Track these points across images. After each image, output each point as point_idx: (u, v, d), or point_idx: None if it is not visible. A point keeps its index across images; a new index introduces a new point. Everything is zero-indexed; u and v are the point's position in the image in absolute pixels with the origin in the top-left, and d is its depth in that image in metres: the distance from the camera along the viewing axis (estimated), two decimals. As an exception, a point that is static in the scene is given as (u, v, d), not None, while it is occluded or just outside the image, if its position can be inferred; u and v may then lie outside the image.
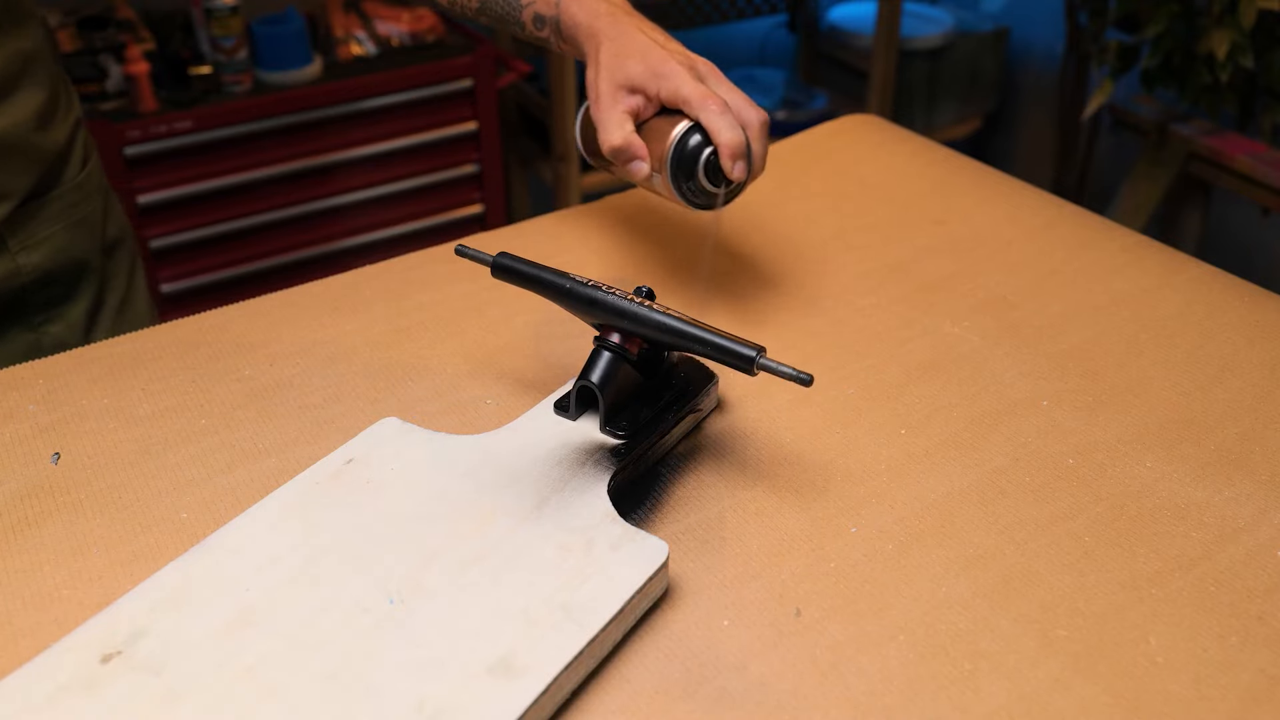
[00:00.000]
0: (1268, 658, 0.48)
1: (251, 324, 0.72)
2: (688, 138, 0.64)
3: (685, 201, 0.66)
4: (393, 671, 0.44)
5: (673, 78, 0.64)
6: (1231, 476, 0.59)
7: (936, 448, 0.61)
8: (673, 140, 0.64)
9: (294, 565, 0.50)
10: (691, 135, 0.64)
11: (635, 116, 0.66)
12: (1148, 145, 1.80)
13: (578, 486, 0.54)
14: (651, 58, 0.65)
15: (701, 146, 0.64)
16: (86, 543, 0.54)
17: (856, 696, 0.46)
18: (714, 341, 0.53)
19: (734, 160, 0.63)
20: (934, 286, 0.76)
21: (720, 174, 0.64)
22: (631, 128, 0.66)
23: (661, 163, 0.65)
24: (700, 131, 0.64)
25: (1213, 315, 0.73)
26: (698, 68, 0.66)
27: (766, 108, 2.11)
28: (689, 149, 0.64)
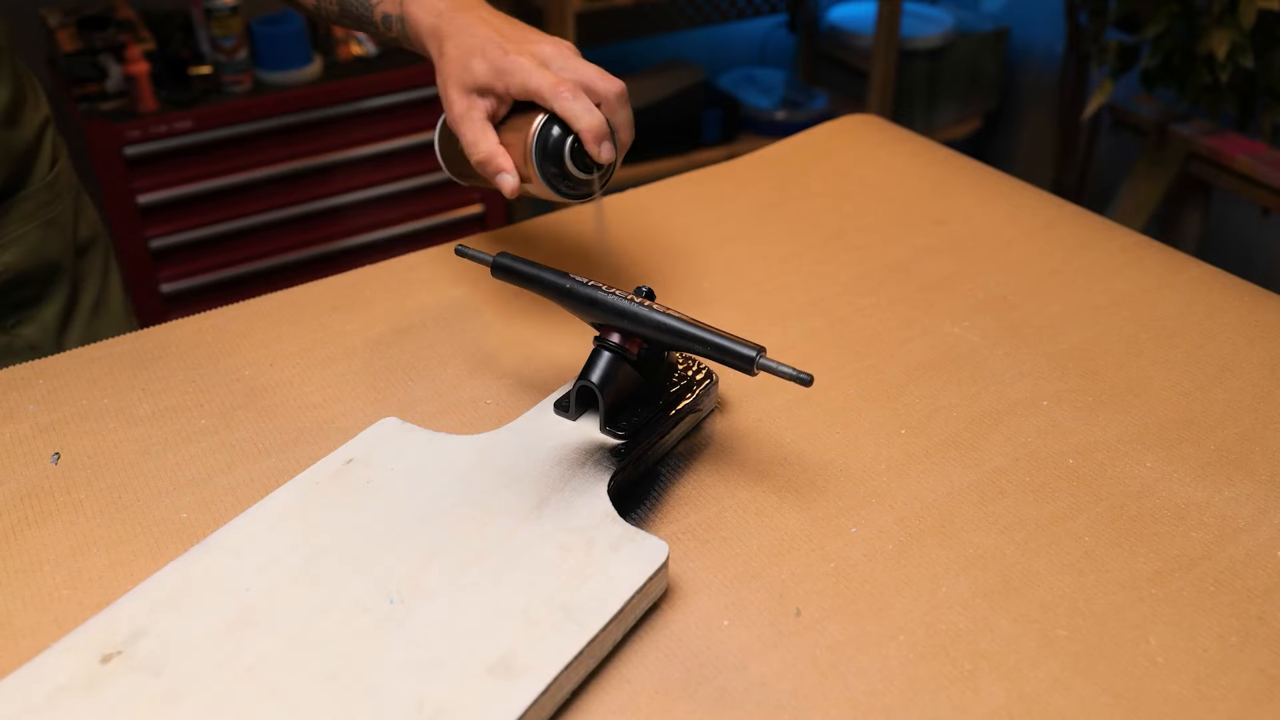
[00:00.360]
0: (1268, 658, 0.48)
1: (251, 324, 0.72)
2: (547, 131, 0.62)
3: (563, 196, 0.64)
4: (393, 671, 0.44)
5: (517, 71, 0.61)
6: (1231, 476, 0.59)
7: (936, 448, 0.61)
8: (532, 137, 0.62)
9: (294, 565, 0.50)
10: (550, 128, 0.62)
11: (492, 119, 0.63)
12: (1148, 145, 1.80)
13: (578, 486, 0.54)
14: (492, 53, 0.62)
15: (563, 137, 0.62)
16: (86, 543, 0.54)
17: (856, 696, 0.46)
18: (714, 341, 0.53)
19: (598, 143, 0.61)
20: (934, 286, 0.76)
21: (589, 159, 0.62)
22: (494, 136, 0.63)
23: (527, 163, 0.62)
24: (559, 121, 0.62)
25: (1213, 315, 0.73)
26: (542, 52, 0.63)
27: (766, 108, 2.12)
28: (551, 142, 0.62)
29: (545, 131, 0.62)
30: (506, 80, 0.61)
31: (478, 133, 0.63)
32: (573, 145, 0.62)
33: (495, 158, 0.62)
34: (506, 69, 0.61)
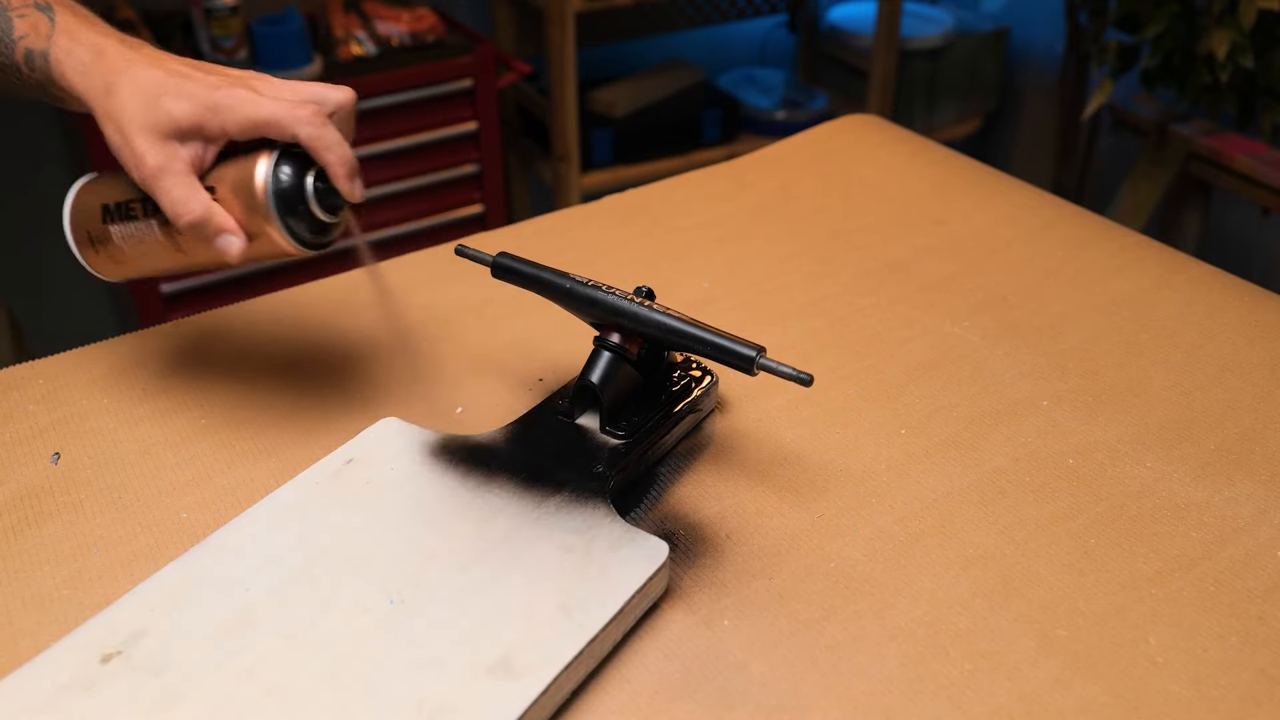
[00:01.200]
0: (1268, 658, 0.48)
1: (251, 324, 0.72)
2: (279, 171, 0.52)
3: (306, 248, 0.54)
4: (393, 671, 0.44)
5: (238, 104, 0.51)
6: (1231, 476, 0.59)
7: (936, 448, 0.61)
8: (264, 182, 0.51)
9: (294, 565, 0.50)
10: (281, 168, 0.52)
11: (197, 171, 0.52)
12: (1148, 145, 1.80)
13: (578, 487, 0.54)
14: (192, 88, 0.52)
15: (299, 175, 0.52)
16: (86, 543, 0.54)
17: (856, 696, 0.46)
18: (714, 341, 0.53)
19: (351, 178, 0.52)
20: (934, 286, 0.76)
21: (336, 197, 0.53)
22: (204, 194, 0.52)
23: (254, 215, 0.52)
24: (287, 158, 0.52)
25: (1213, 315, 0.73)
26: (251, 84, 0.53)
27: (766, 108, 2.12)
28: (287, 185, 0.52)
29: (278, 173, 0.52)
30: (224, 117, 0.51)
31: (184, 188, 0.51)
32: (316, 184, 0.53)
33: (214, 215, 0.52)
34: (221, 104, 0.51)
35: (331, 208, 0.54)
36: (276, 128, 0.51)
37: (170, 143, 0.52)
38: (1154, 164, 1.79)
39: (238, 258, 0.52)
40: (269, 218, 0.52)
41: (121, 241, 0.57)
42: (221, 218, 0.52)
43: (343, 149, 0.52)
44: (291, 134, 0.51)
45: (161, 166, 0.51)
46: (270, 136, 0.52)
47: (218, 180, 0.53)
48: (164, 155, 0.51)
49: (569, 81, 1.81)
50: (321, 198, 0.53)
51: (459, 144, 1.82)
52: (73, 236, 0.58)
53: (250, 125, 0.51)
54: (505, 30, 2.00)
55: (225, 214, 0.52)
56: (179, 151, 0.52)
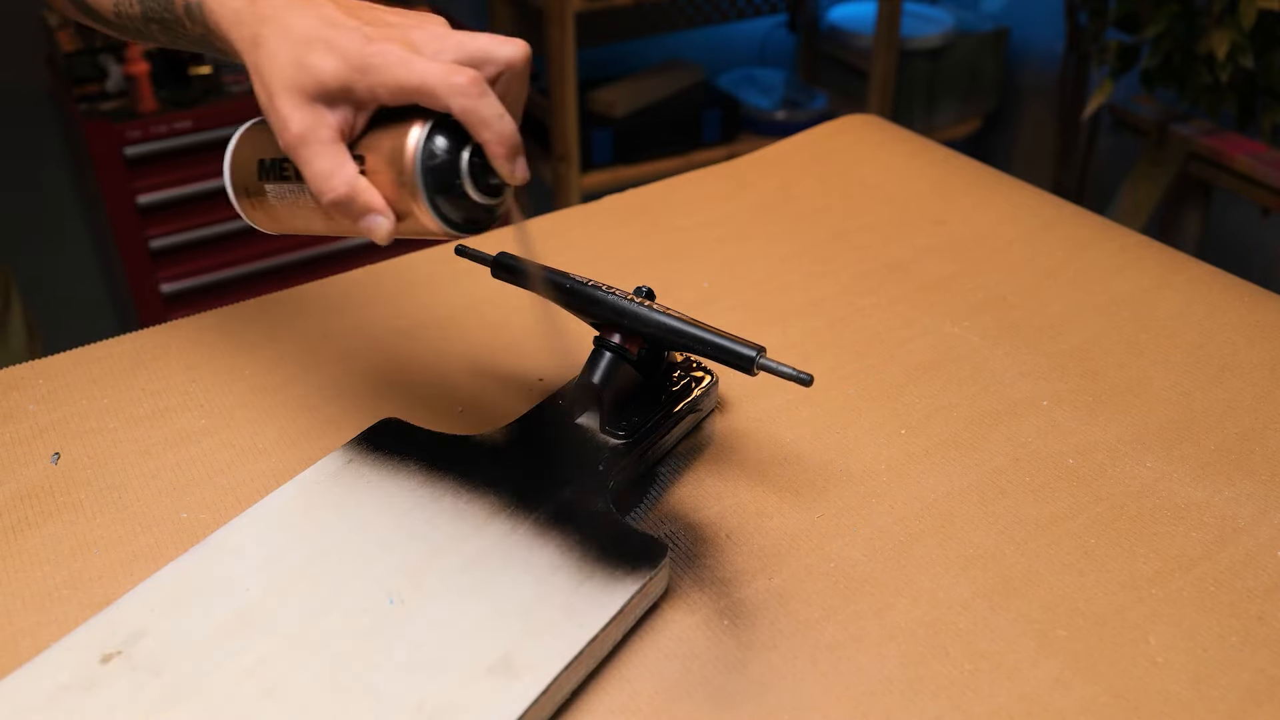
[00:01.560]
0: (1268, 658, 0.48)
1: (251, 324, 0.72)
2: (432, 145, 0.46)
3: (459, 232, 0.48)
4: (393, 671, 0.44)
5: (387, 66, 0.45)
6: (1231, 476, 0.59)
7: (936, 448, 0.61)
8: (413, 158, 0.45)
9: (294, 565, 0.50)
10: (434, 140, 0.46)
11: (346, 138, 0.46)
12: (1148, 145, 1.80)
13: (578, 487, 0.54)
14: (344, 41, 0.45)
15: (455, 151, 0.46)
16: (86, 543, 0.54)
17: (856, 696, 0.46)
18: (714, 341, 0.53)
19: (511, 158, 0.46)
20: (934, 286, 0.76)
21: (494, 177, 0.47)
22: (353, 165, 0.46)
23: (405, 194, 0.46)
24: (443, 128, 0.46)
25: (1213, 315, 0.73)
26: (410, 38, 0.46)
27: (766, 108, 2.12)
28: (440, 161, 0.46)
29: (430, 146, 0.46)
30: (373, 78, 0.45)
31: (331, 160, 0.45)
32: (471, 162, 0.46)
33: (360, 193, 0.46)
34: (372, 61, 0.45)
35: (490, 189, 0.48)
36: (429, 96, 0.45)
37: (316, 106, 0.45)
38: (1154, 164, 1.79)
39: (384, 239, 0.47)
40: (416, 196, 0.46)
41: (275, 200, 0.52)
42: (367, 196, 0.46)
43: (503, 124, 0.45)
44: (444, 105, 0.45)
45: (305, 134, 0.45)
46: (425, 104, 0.45)
47: (368, 148, 0.47)
48: (309, 121, 0.45)
49: (569, 81, 1.81)
50: (478, 177, 0.47)
51: (459, 144, 1.82)
52: (231, 187, 0.54)
53: (400, 91, 0.45)
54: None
55: (372, 191, 0.46)
56: (325, 117, 0.46)
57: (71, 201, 1.82)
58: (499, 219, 0.50)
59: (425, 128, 0.46)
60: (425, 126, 0.46)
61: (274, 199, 0.52)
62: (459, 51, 0.46)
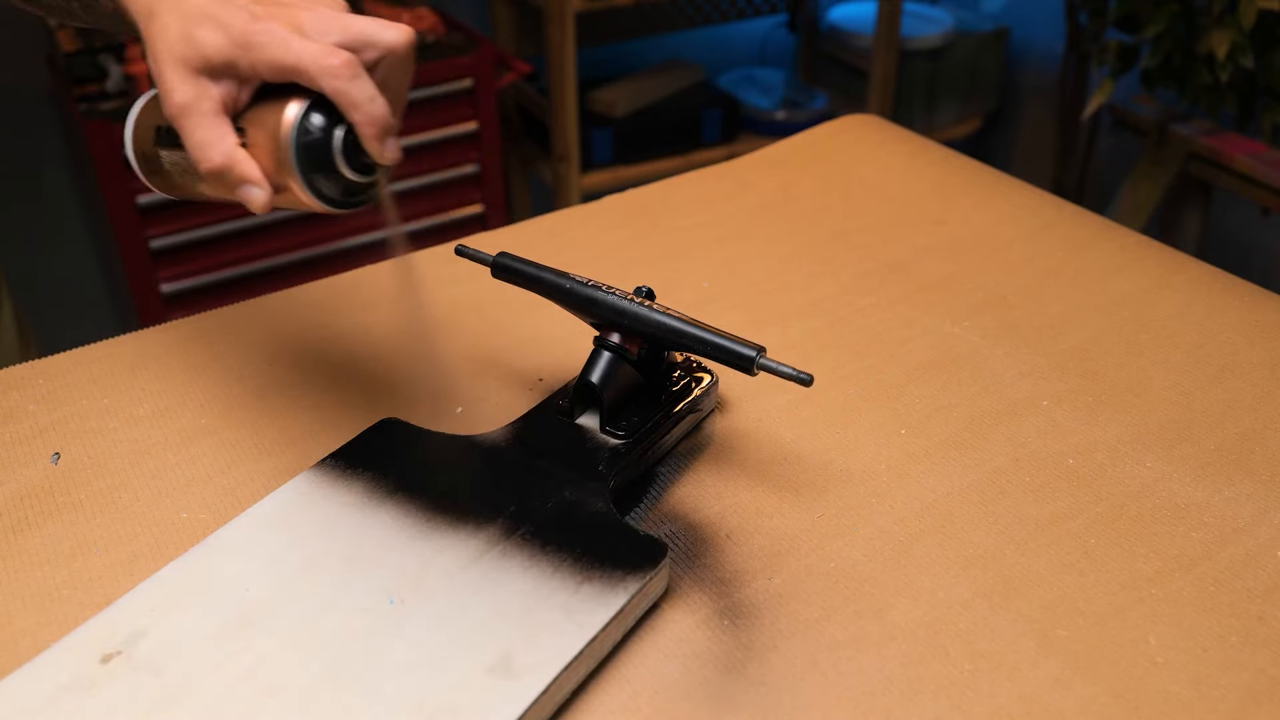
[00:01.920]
0: (1268, 658, 0.48)
1: (251, 324, 0.72)
2: (307, 123, 0.47)
3: (333, 207, 0.50)
4: (393, 671, 0.44)
5: (268, 45, 0.46)
6: (1231, 476, 0.59)
7: (936, 448, 0.61)
8: (287, 134, 0.47)
9: (294, 565, 0.50)
10: (311, 117, 0.47)
11: (230, 111, 0.48)
12: (1148, 145, 1.80)
13: (578, 486, 0.54)
14: (231, 18, 0.47)
15: (328, 130, 0.48)
16: (86, 543, 0.54)
17: (856, 696, 0.46)
18: (714, 341, 0.53)
19: (381, 139, 0.48)
20: (934, 286, 0.76)
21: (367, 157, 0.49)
22: (233, 138, 0.48)
23: (281, 168, 0.48)
24: (322, 108, 0.48)
25: (1213, 315, 0.73)
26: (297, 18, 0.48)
27: (766, 108, 2.12)
28: (314, 138, 0.48)
29: (305, 124, 0.47)
30: (254, 55, 0.47)
31: (210, 130, 0.47)
32: (345, 140, 0.48)
33: (237, 164, 0.47)
34: (254, 40, 0.46)
35: (364, 167, 0.49)
36: (304, 76, 0.46)
37: (200, 79, 0.47)
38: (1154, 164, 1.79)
39: (261, 209, 0.48)
40: (291, 171, 0.48)
41: (169, 166, 0.54)
42: (244, 167, 0.47)
43: (373, 106, 0.47)
44: (317, 85, 0.46)
45: (187, 104, 0.47)
46: (302, 83, 0.47)
47: (251, 122, 0.49)
48: (192, 92, 0.47)
49: (569, 81, 1.81)
50: (350, 156, 0.48)
51: (459, 144, 1.82)
52: (131, 151, 0.56)
53: (279, 69, 0.47)
54: (505, 30, 2.00)
55: (250, 163, 0.48)
56: (209, 89, 0.47)
57: (71, 201, 1.82)
58: (374, 197, 0.51)
59: (303, 105, 0.47)
60: (303, 104, 0.47)
61: (167, 165, 0.54)
62: (342, 34, 0.48)
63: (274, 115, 0.48)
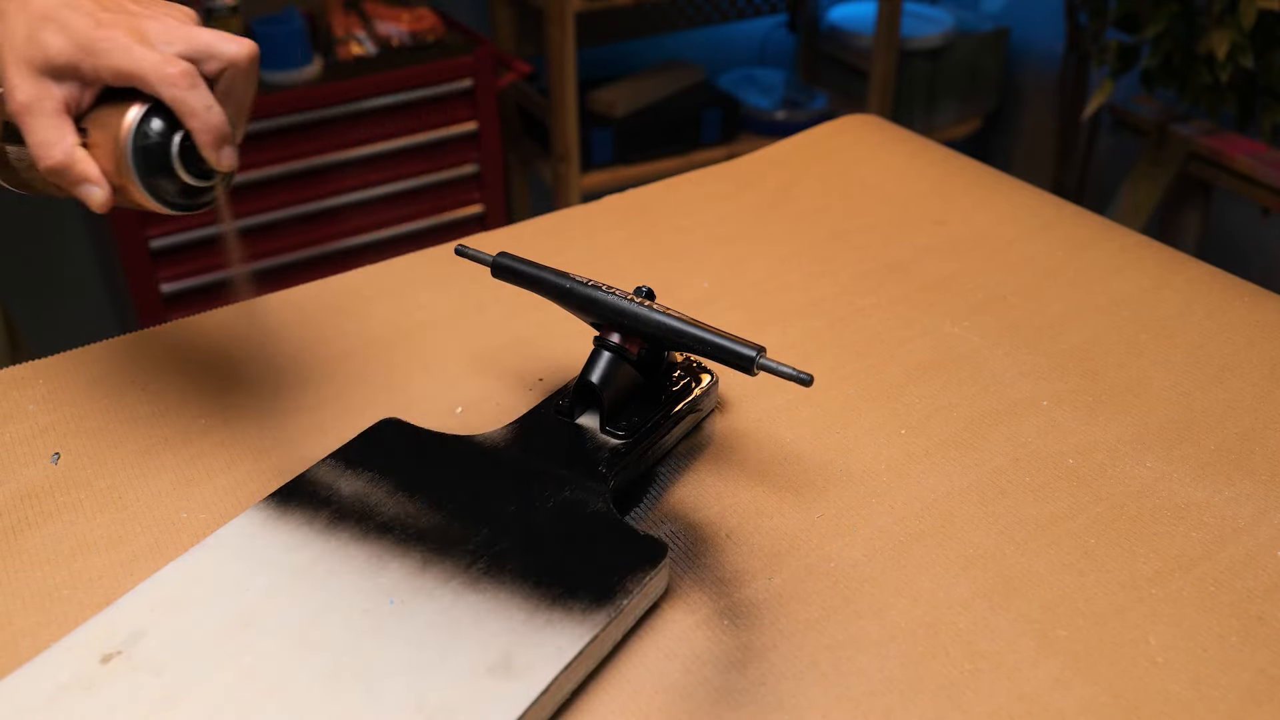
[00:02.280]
0: (1268, 658, 0.48)
1: (251, 324, 0.72)
2: (146, 127, 0.49)
3: (173, 209, 0.52)
4: (393, 671, 0.44)
5: (110, 51, 0.48)
6: (1231, 476, 0.59)
7: (936, 448, 0.61)
8: (125, 137, 0.49)
9: (294, 565, 0.50)
10: (149, 123, 0.49)
11: (72, 112, 0.50)
12: (1148, 145, 1.80)
13: (578, 486, 0.54)
14: (76, 23, 0.48)
15: (167, 134, 0.49)
16: (86, 543, 0.54)
17: (856, 696, 0.46)
18: (714, 341, 0.53)
19: (217, 147, 0.49)
20: (934, 286, 0.76)
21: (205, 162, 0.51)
22: (73, 137, 0.49)
23: (121, 170, 0.49)
24: (161, 112, 0.49)
25: (1213, 315, 0.73)
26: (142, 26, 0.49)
27: (766, 108, 2.12)
28: (152, 142, 0.49)
29: (144, 128, 0.49)
30: (96, 60, 0.48)
31: (49, 130, 0.49)
32: (182, 145, 0.50)
33: (76, 163, 0.49)
34: (97, 45, 0.48)
35: (202, 172, 0.51)
36: (144, 83, 0.48)
37: (43, 79, 0.49)
38: (1154, 164, 1.79)
39: (99, 207, 0.50)
40: (130, 173, 0.49)
41: (15, 162, 0.55)
42: (83, 166, 0.49)
43: (209, 115, 0.48)
44: (156, 92, 0.48)
45: (29, 104, 0.48)
46: (141, 89, 0.49)
47: (93, 123, 0.50)
48: (34, 92, 0.48)
49: (569, 81, 1.81)
50: (188, 160, 0.50)
51: (459, 144, 1.83)
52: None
53: (120, 75, 0.48)
54: (505, 30, 2.00)
55: (89, 162, 0.49)
56: (51, 90, 0.49)
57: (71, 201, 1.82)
58: (212, 201, 0.53)
59: (142, 110, 0.49)
60: (142, 109, 0.49)
61: (14, 160, 0.55)
62: (186, 44, 0.49)
63: (115, 118, 0.49)
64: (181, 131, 0.50)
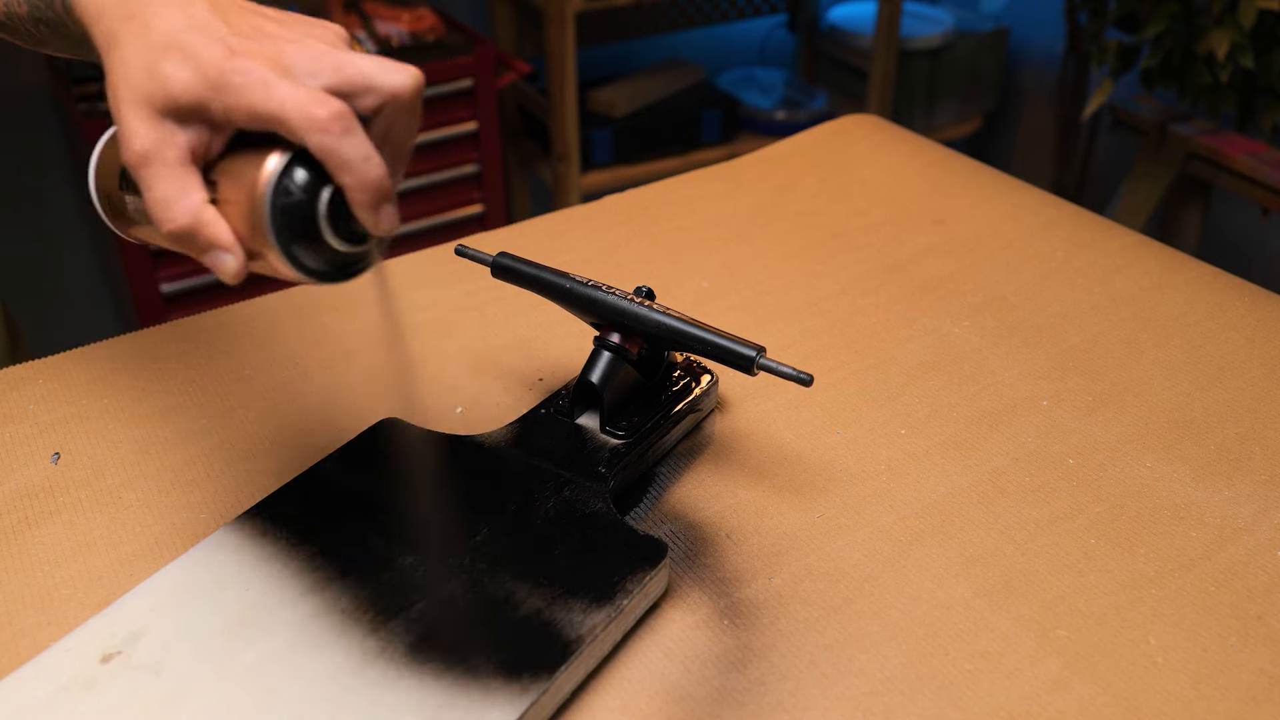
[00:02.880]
0: (1268, 658, 0.48)
1: (251, 324, 0.72)
2: (287, 182, 0.40)
3: (318, 280, 0.42)
4: (392, 671, 0.44)
5: (245, 87, 0.39)
6: (1231, 476, 0.59)
7: (936, 448, 0.61)
8: (263, 194, 0.40)
9: (295, 564, 0.50)
10: (291, 176, 0.40)
11: (199, 160, 0.41)
12: (1147, 145, 1.80)
13: (578, 486, 0.54)
14: (205, 51, 0.39)
15: (313, 191, 0.40)
16: (86, 543, 0.54)
17: (856, 696, 0.46)
18: (714, 341, 0.53)
19: (376, 206, 0.40)
20: (934, 286, 0.76)
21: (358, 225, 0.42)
22: (200, 194, 0.40)
23: (258, 233, 0.40)
24: (306, 162, 0.40)
25: (1213, 315, 0.73)
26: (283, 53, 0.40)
27: (766, 108, 2.12)
28: (295, 200, 0.40)
29: (285, 183, 0.40)
30: (228, 99, 0.39)
31: (174, 184, 0.40)
32: (331, 204, 0.41)
33: (204, 226, 0.40)
34: (229, 80, 0.39)
35: (354, 236, 0.42)
36: (285, 127, 0.39)
37: (166, 122, 0.40)
38: (1154, 164, 1.79)
39: (233, 279, 0.41)
40: (267, 237, 0.40)
41: (134, 213, 0.47)
42: (212, 230, 0.40)
43: (367, 167, 0.39)
44: (300, 139, 0.39)
45: (148, 153, 0.40)
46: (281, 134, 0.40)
47: (224, 174, 0.41)
48: (154, 138, 0.40)
49: (569, 81, 1.81)
50: (338, 222, 0.41)
51: (459, 144, 1.83)
52: (95, 191, 0.49)
53: (256, 118, 0.39)
54: (505, 30, 2.00)
55: (220, 224, 0.40)
56: (175, 135, 0.40)
57: (71, 201, 1.82)
58: (362, 269, 0.44)
59: (284, 160, 0.40)
60: (284, 158, 0.40)
61: (133, 211, 0.47)
62: (336, 75, 0.40)
63: (251, 169, 0.40)
64: (331, 187, 0.40)
